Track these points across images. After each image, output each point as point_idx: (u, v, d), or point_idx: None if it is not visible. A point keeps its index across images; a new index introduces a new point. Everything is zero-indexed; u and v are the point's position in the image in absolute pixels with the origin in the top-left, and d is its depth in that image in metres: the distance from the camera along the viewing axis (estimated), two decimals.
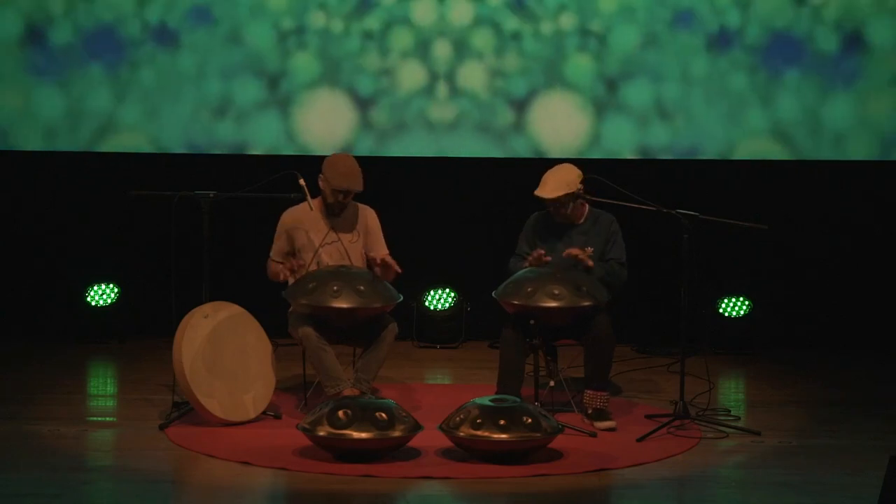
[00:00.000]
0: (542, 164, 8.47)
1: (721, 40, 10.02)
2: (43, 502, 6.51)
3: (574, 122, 10.04)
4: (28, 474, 6.90)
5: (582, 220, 8.26)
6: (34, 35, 9.97)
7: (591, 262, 8.05)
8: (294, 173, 8.06)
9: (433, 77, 10.05)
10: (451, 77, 10.05)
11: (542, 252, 8.08)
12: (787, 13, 10.02)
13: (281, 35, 9.98)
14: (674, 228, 7.96)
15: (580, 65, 10.02)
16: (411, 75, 10.04)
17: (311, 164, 8.35)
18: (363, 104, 10.03)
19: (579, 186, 8.11)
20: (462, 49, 10.02)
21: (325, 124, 10.02)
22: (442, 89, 10.04)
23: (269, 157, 9.98)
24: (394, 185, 9.86)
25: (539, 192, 8.11)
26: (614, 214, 8.28)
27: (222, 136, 10.03)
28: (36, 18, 9.97)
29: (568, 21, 10.00)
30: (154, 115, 10.00)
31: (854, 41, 10.02)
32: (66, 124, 10.02)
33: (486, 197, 10.23)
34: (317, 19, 9.99)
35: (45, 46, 9.97)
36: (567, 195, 8.09)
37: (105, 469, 7.22)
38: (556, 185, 8.09)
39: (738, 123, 10.07)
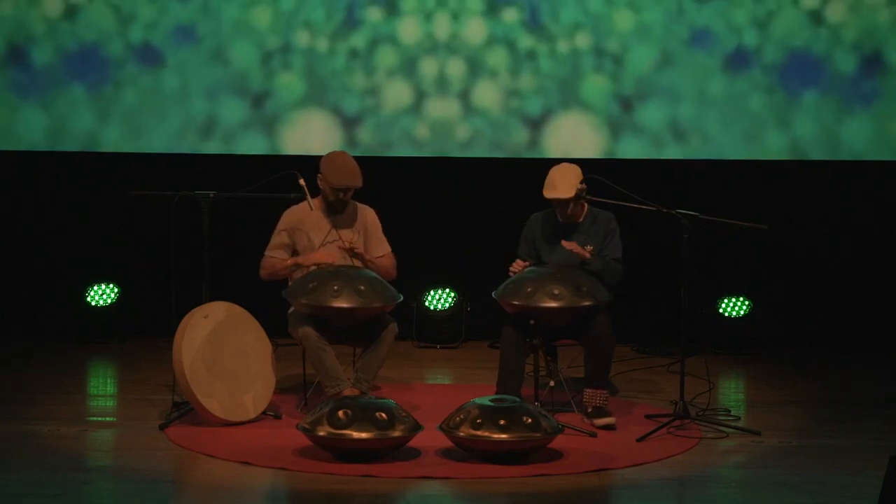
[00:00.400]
0: (542, 164, 8.47)
1: (738, 60, 9.96)
2: (43, 502, 6.51)
3: (588, 141, 9.98)
4: (28, 474, 6.89)
5: (581, 219, 8.27)
6: (16, 55, 9.93)
7: (587, 254, 8.05)
8: (294, 173, 8.06)
9: (419, 95, 10.00)
10: (465, 96, 10.01)
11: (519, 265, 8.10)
12: (805, 33, 9.95)
13: (266, 54, 9.96)
14: (674, 228, 7.96)
15: (596, 84, 9.97)
16: (397, 94, 10.00)
17: (310, 164, 8.35)
18: (349, 123, 9.99)
19: (583, 185, 8.12)
20: (476, 67, 9.99)
21: (310, 143, 9.95)
22: (457, 108, 10.00)
23: (269, 157, 9.98)
24: (394, 185, 9.85)
25: (553, 194, 8.07)
26: (614, 214, 8.28)
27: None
28: (17, 38, 9.92)
29: (583, 40, 9.95)
30: (138, 134, 9.98)
31: (873, 62, 9.97)
32: (48, 144, 9.99)
33: (486, 197, 10.23)
34: (301, 38, 9.97)
35: (28, 66, 9.93)
36: (577, 193, 8.08)
37: (105, 469, 7.22)
38: (568, 184, 8.07)
39: (755, 144, 10.03)
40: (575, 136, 9.95)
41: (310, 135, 9.97)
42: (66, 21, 9.93)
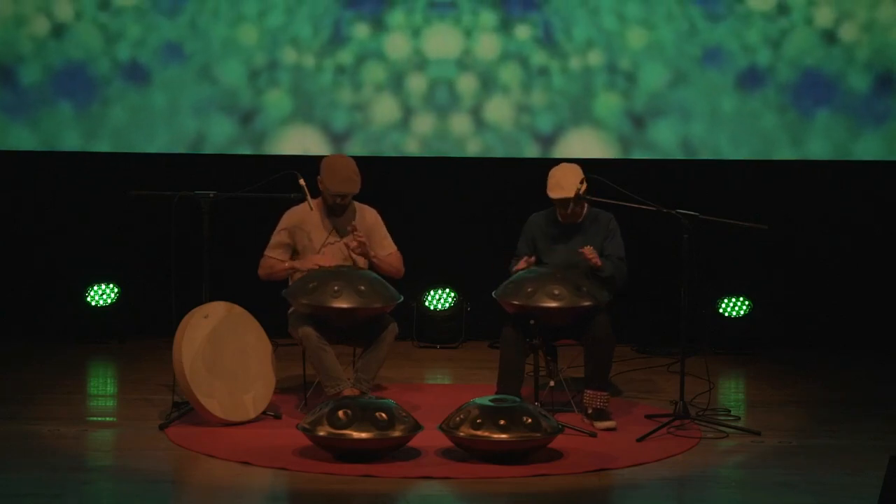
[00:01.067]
0: (542, 164, 8.47)
1: (751, 79, 9.96)
2: (43, 502, 6.51)
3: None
4: (28, 474, 6.90)
5: (581, 219, 8.26)
6: (3, 74, 9.92)
7: (598, 262, 8.05)
8: (294, 173, 8.06)
9: (407, 111, 10.00)
10: (476, 111, 10.00)
11: (532, 259, 8.09)
12: (818, 52, 9.95)
13: (253, 72, 9.95)
14: (674, 228, 7.96)
15: (608, 102, 9.97)
16: (385, 109, 9.99)
17: (311, 165, 8.35)
18: (337, 139, 9.97)
19: (582, 185, 8.11)
20: (489, 83, 9.98)
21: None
22: (468, 123, 10.00)
23: (269, 157, 9.98)
24: (393, 185, 9.86)
25: (561, 194, 8.06)
26: (613, 214, 8.28)
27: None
28: (5, 58, 9.92)
29: (596, 58, 9.95)
30: (126, 152, 10.01)
31: (886, 81, 9.95)
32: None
33: (486, 197, 10.23)
34: (289, 55, 9.96)
35: (16, 86, 9.94)
36: (577, 193, 8.08)
37: (105, 469, 7.22)
38: (571, 184, 8.07)
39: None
40: (586, 153, 9.91)
41: (298, 151, 9.97)
42: (53, 40, 9.93)
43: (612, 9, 9.94)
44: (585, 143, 9.95)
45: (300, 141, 9.98)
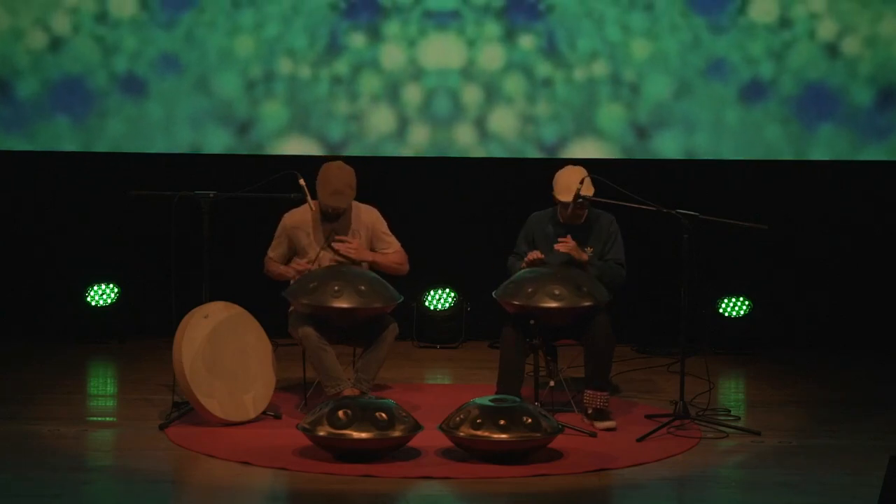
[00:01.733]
0: (542, 165, 8.46)
1: (754, 91, 9.95)
2: (43, 502, 6.51)
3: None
4: (28, 474, 6.90)
5: (582, 220, 8.26)
6: (1, 88, 9.90)
7: (585, 256, 8.05)
8: (294, 173, 8.06)
9: (403, 121, 9.99)
10: (481, 122, 9.99)
11: (538, 253, 8.08)
12: (821, 66, 9.94)
13: (249, 83, 9.93)
14: (674, 228, 7.96)
15: (612, 113, 9.95)
16: (381, 119, 9.98)
17: (310, 165, 8.35)
18: (334, 149, 9.94)
19: (581, 185, 8.11)
20: (493, 94, 9.97)
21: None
22: (472, 133, 9.99)
23: (269, 157, 9.98)
24: (393, 185, 9.85)
25: (568, 198, 8.05)
26: (614, 214, 8.28)
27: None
28: (2, 72, 9.90)
29: (600, 68, 9.94)
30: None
31: (889, 95, 9.93)
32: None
33: (486, 197, 10.23)
34: (285, 66, 9.95)
35: (12, 99, 9.92)
36: (577, 194, 8.08)
37: (105, 469, 7.22)
38: (575, 186, 8.06)
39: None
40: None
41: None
42: (50, 54, 9.91)
43: (617, 20, 9.92)
44: (589, 154, 9.92)
45: (297, 151, 9.96)
